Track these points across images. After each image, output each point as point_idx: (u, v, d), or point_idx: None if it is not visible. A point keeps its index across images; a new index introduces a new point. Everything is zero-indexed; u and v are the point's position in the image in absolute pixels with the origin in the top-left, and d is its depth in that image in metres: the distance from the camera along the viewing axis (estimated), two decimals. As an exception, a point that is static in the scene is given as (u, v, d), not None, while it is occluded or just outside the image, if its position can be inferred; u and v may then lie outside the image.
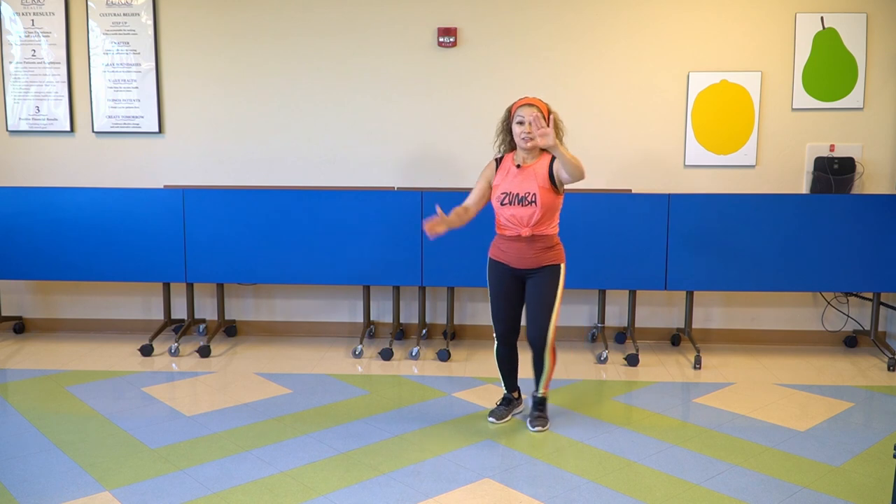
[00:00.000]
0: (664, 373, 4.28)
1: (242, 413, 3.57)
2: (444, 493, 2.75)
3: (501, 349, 3.47)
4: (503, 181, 3.27)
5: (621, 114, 4.81)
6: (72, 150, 5.01)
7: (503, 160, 3.34)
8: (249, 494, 2.73)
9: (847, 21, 4.66)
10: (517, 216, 3.23)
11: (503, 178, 3.28)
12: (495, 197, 3.28)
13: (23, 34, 4.92)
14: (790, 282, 4.44)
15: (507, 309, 3.38)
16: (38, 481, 2.81)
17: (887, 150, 4.75)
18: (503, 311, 3.39)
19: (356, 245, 4.50)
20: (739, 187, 4.80)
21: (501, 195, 3.26)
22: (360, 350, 4.56)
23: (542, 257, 3.28)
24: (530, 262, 3.29)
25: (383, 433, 3.32)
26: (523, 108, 3.22)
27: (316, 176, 4.93)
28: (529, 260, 3.28)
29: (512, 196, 3.23)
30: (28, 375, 4.14)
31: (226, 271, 4.58)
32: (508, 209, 3.24)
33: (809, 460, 3.06)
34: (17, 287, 5.13)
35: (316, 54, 4.86)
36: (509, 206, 3.24)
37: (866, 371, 4.35)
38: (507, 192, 3.24)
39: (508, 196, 3.24)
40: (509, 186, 3.25)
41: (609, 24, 4.75)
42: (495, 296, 3.39)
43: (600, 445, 3.20)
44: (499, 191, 3.27)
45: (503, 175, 3.29)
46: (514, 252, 3.29)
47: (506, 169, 3.30)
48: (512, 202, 3.23)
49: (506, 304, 3.38)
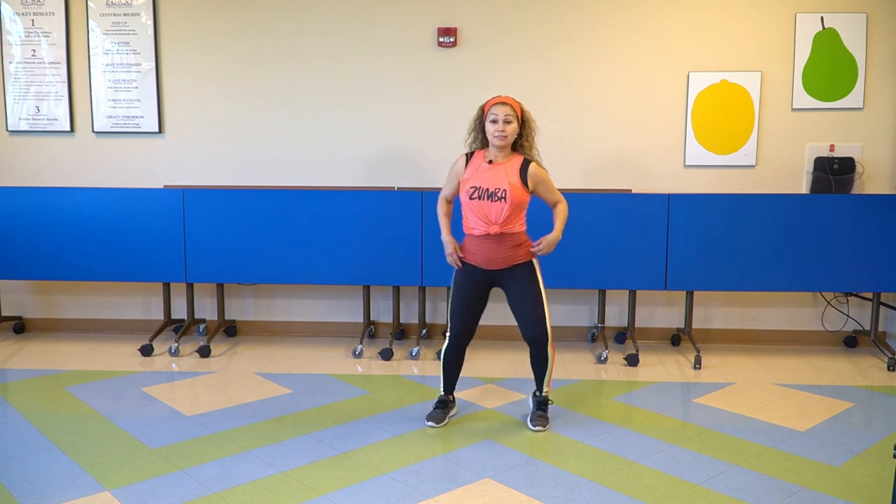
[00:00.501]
0: (664, 373, 4.28)
1: (242, 413, 3.57)
2: (444, 493, 2.75)
3: (451, 351, 3.43)
4: (473, 175, 3.27)
5: (621, 114, 4.81)
6: (72, 150, 5.01)
7: (473, 156, 3.34)
8: (249, 494, 2.73)
9: (847, 21, 4.66)
10: (485, 211, 3.22)
11: (473, 172, 3.28)
12: (464, 191, 3.26)
13: (23, 34, 4.92)
14: (790, 282, 4.44)
15: (469, 310, 3.36)
16: (38, 481, 2.81)
17: (887, 150, 4.75)
18: (464, 312, 3.35)
19: (356, 245, 4.50)
20: (739, 187, 4.80)
21: (471, 189, 3.24)
22: (360, 350, 4.56)
23: (511, 256, 3.28)
24: (500, 262, 3.28)
25: (383, 433, 3.32)
26: (497, 106, 3.23)
27: (316, 176, 4.93)
28: (499, 260, 3.27)
29: (482, 191, 3.22)
30: (28, 375, 4.14)
31: (226, 271, 4.58)
32: (477, 203, 3.22)
33: (809, 460, 3.06)
34: (17, 287, 5.13)
35: (316, 54, 4.86)
36: (478, 201, 3.22)
37: (866, 371, 4.35)
38: (477, 186, 3.23)
39: (478, 190, 3.23)
40: (479, 181, 3.24)
41: (609, 24, 4.75)
42: (459, 295, 3.36)
43: (600, 445, 3.20)
44: (468, 185, 3.26)
45: (473, 170, 3.29)
46: (484, 253, 3.27)
47: (476, 164, 3.30)
48: (481, 196, 3.22)
49: (468, 305, 3.35)
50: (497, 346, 4.78)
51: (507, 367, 4.34)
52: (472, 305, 3.37)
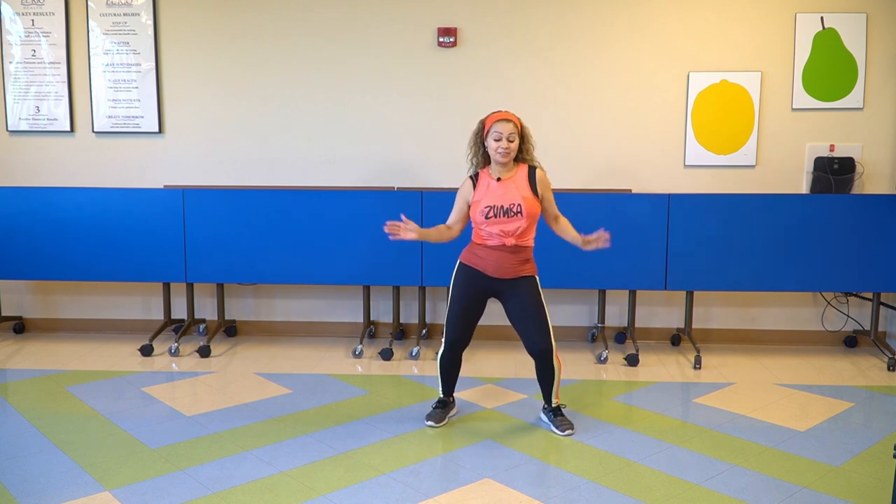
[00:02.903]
0: (664, 373, 4.28)
1: (242, 413, 3.57)
2: (444, 493, 2.75)
3: (447, 356, 3.41)
4: (485, 196, 3.24)
5: (621, 114, 4.81)
6: (72, 150, 5.01)
7: (479, 176, 3.31)
8: (249, 494, 2.73)
9: (847, 21, 4.66)
10: (502, 227, 3.21)
11: (484, 192, 3.25)
12: (479, 212, 3.23)
13: (23, 34, 4.92)
14: (790, 282, 4.44)
15: (467, 317, 3.34)
16: (38, 481, 2.81)
17: (887, 150, 4.75)
18: (462, 319, 3.33)
19: (356, 245, 4.50)
20: (739, 187, 4.80)
21: (486, 209, 3.21)
22: (360, 350, 4.56)
23: (520, 268, 3.28)
24: (509, 271, 3.26)
25: (383, 433, 3.32)
26: (499, 123, 3.20)
27: (316, 176, 4.93)
28: (508, 269, 3.26)
29: (497, 209, 3.21)
30: (28, 375, 4.14)
31: (226, 271, 4.58)
32: (495, 223, 3.21)
33: (809, 460, 3.06)
34: (17, 287, 5.13)
35: (316, 54, 4.86)
36: (495, 220, 3.20)
37: (866, 371, 4.35)
38: (492, 205, 3.21)
39: (493, 209, 3.21)
40: (493, 200, 3.22)
41: (609, 24, 4.75)
42: (458, 301, 3.33)
43: (600, 445, 3.20)
44: (482, 205, 3.23)
45: (483, 190, 3.26)
46: (494, 260, 3.26)
47: (485, 184, 3.27)
48: (497, 215, 3.20)
49: (467, 312, 3.33)
50: (497, 346, 4.78)
51: (507, 367, 4.34)
52: (470, 313, 3.35)
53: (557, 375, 3.36)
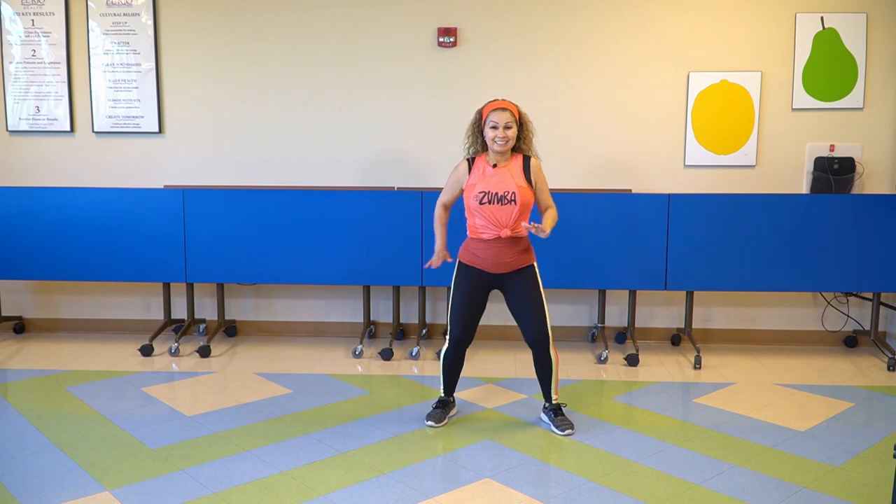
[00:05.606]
0: (664, 373, 4.28)
1: (242, 413, 3.57)
2: (444, 493, 2.75)
3: (451, 354, 3.42)
4: (480, 180, 3.26)
5: (621, 114, 4.81)
6: (72, 150, 5.01)
7: (475, 161, 3.33)
8: (249, 494, 2.73)
9: (847, 21, 4.66)
10: (495, 215, 3.22)
11: (479, 177, 3.27)
12: (473, 196, 3.25)
13: (23, 34, 4.92)
14: (790, 282, 4.44)
15: (471, 315, 3.35)
16: (38, 481, 2.81)
17: (887, 150, 4.75)
18: (466, 317, 3.34)
19: (356, 245, 4.50)
20: (739, 187, 4.80)
21: (480, 194, 3.23)
22: (360, 350, 4.56)
23: (519, 259, 3.29)
24: (508, 265, 3.28)
25: (383, 433, 3.32)
26: (496, 112, 3.22)
27: (316, 176, 4.93)
28: (508, 264, 3.28)
29: (491, 195, 3.22)
30: (28, 375, 4.14)
31: (226, 271, 4.58)
32: (488, 208, 3.22)
33: (809, 460, 3.06)
34: (17, 287, 5.13)
35: (316, 54, 4.86)
36: (488, 206, 3.22)
37: (866, 371, 4.35)
38: (486, 190, 3.23)
39: (487, 195, 3.22)
40: (487, 185, 3.24)
41: (609, 24, 4.75)
42: (461, 300, 3.34)
43: (600, 445, 3.20)
44: (476, 189, 3.25)
45: (479, 175, 3.28)
46: (492, 256, 3.27)
47: (480, 168, 3.29)
48: (491, 201, 3.22)
49: (470, 310, 3.34)
50: (497, 346, 4.78)
51: (507, 367, 4.34)
52: (473, 310, 3.36)
53: (555, 368, 3.37)
